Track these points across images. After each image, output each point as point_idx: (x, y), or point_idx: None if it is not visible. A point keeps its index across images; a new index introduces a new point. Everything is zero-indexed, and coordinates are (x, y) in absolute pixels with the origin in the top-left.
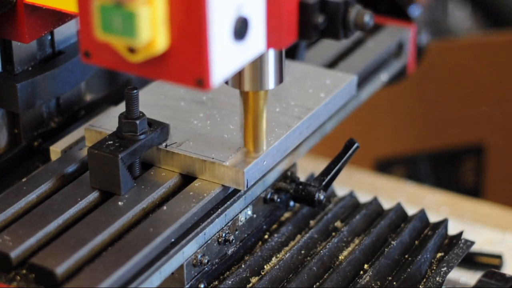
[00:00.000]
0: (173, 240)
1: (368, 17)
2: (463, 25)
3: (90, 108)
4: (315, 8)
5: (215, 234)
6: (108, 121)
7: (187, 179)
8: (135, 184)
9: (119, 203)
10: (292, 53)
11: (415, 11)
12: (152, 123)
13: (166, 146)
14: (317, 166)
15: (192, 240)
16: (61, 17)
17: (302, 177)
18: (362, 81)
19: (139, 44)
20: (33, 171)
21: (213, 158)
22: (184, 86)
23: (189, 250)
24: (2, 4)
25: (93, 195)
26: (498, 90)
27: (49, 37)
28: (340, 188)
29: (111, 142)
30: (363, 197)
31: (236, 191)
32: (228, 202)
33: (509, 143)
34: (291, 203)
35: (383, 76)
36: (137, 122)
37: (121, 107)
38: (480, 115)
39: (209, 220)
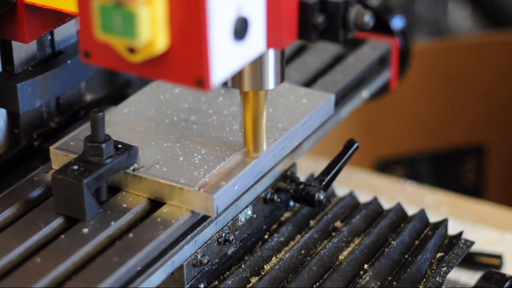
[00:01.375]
0: (139, 268)
1: (368, 17)
2: (463, 25)
3: (90, 108)
4: (315, 8)
5: (185, 260)
6: (76, 143)
7: (156, 204)
8: (102, 209)
9: (84, 230)
10: None
11: (398, 23)
12: (119, 146)
13: (133, 170)
14: (317, 166)
15: (159, 269)
16: (61, 17)
17: (302, 177)
18: (343, 98)
19: (139, 44)
20: (33, 171)
21: (182, 183)
22: (184, 86)
23: (156, 279)
24: (2, 4)
25: (58, 221)
26: (498, 90)
27: (49, 37)
28: (340, 188)
29: (76, 166)
30: (363, 197)
31: (207, 216)
32: (198, 228)
33: (510, 144)
34: (291, 203)
35: (364, 93)
36: (103, 145)
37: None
38: (480, 115)
39: (177, 247)
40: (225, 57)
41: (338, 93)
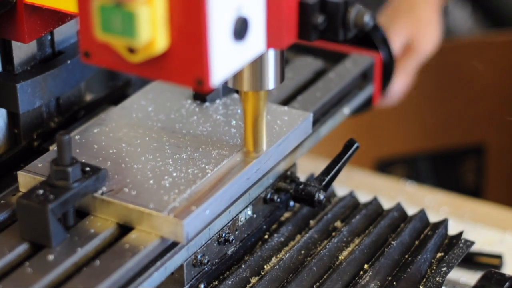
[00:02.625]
0: None
1: (368, 17)
2: (463, 25)
3: (90, 108)
4: (315, 8)
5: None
6: (44, 165)
7: (125, 228)
8: (68, 235)
9: (50, 256)
10: None
11: (382, 37)
12: (87, 169)
13: (102, 193)
14: (317, 166)
15: None
16: (61, 17)
17: (302, 177)
18: (323, 115)
19: (139, 44)
20: None
21: (150, 208)
22: (184, 86)
23: None
24: (2, 4)
25: (23, 247)
26: (498, 90)
27: (49, 37)
28: (340, 188)
29: (42, 191)
30: (363, 197)
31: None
32: (168, 254)
33: (510, 144)
34: (291, 203)
35: (346, 110)
36: (69, 169)
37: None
38: (480, 115)
39: (146, 274)
40: (225, 57)
41: (318, 110)
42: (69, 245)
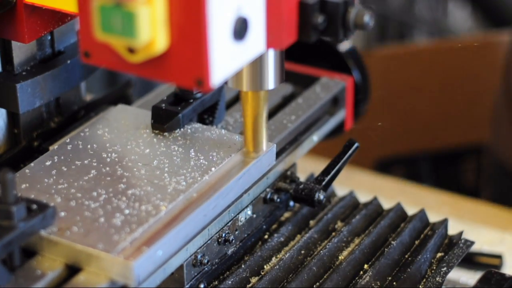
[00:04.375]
0: None
1: (368, 17)
2: (463, 25)
3: (90, 108)
4: (315, 8)
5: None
6: None
7: (74, 269)
8: (13, 276)
9: None
10: (211, 112)
11: (356, 59)
12: (34, 207)
13: (49, 233)
14: (317, 166)
15: None
16: (61, 17)
17: (302, 177)
18: (290, 143)
19: (139, 44)
20: None
21: (99, 248)
22: (184, 86)
23: None
24: (2, 4)
25: None
26: (498, 90)
27: (49, 37)
28: (340, 188)
29: None
30: (363, 197)
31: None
32: None
33: (510, 144)
34: (291, 203)
35: (315, 137)
36: (13, 208)
37: None
38: (480, 115)
39: None
40: (225, 57)
41: (285, 139)
42: None
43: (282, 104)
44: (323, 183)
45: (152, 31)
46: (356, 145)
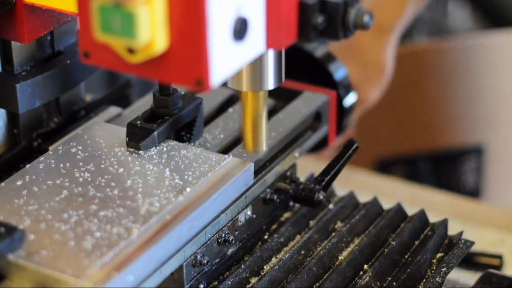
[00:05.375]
0: None
1: (367, 18)
2: (463, 25)
3: (90, 108)
4: (315, 8)
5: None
6: None
7: None
8: None
9: None
10: (189, 129)
11: (341, 73)
12: (1, 229)
13: (17, 257)
14: (317, 166)
15: None
16: (61, 17)
17: (302, 177)
18: (271, 160)
19: (138, 45)
20: None
21: (68, 273)
22: (183, 86)
23: None
24: (2, 4)
25: None
26: (498, 90)
27: (49, 37)
28: (340, 188)
29: None
30: (363, 197)
31: None
32: None
33: (510, 144)
34: (291, 203)
35: (296, 153)
36: None
37: None
38: (480, 115)
39: None
40: (225, 58)
41: (265, 155)
42: None
43: None
44: (323, 183)
45: (152, 32)
46: (356, 145)
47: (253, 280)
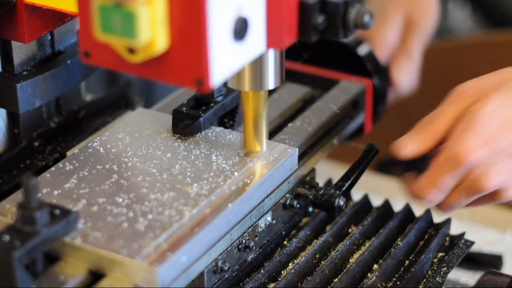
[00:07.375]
0: None
1: (368, 17)
2: (463, 25)
3: (90, 108)
4: (315, 8)
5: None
6: (13, 206)
7: (97, 275)
8: (37, 281)
9: None
10: (232, 116)
11: (374, 61)
12: (57, 212)
13: (72, 238)
14: (334, 170)
15: None
16: (61, 17)
17: (319, 181)
18: (311, 147)
19: (139, 45)
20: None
21: (123, 254)
22: (184, 86)
23: None
24: (2, 4)
25: None
26: None
27: (49, 37)
28: None
29: (8, 236)
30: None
31: None
32: None
33: None
34: (310, 208)
35: (335, 141)
36: (37, 213)
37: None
38: None
39: None
40: (225, 58)
41: (306, 143)
42: None
43: (301, 107)
44: (343, 188)
45: (152, 31)
46: (375, 150)
47: (271, 286)
